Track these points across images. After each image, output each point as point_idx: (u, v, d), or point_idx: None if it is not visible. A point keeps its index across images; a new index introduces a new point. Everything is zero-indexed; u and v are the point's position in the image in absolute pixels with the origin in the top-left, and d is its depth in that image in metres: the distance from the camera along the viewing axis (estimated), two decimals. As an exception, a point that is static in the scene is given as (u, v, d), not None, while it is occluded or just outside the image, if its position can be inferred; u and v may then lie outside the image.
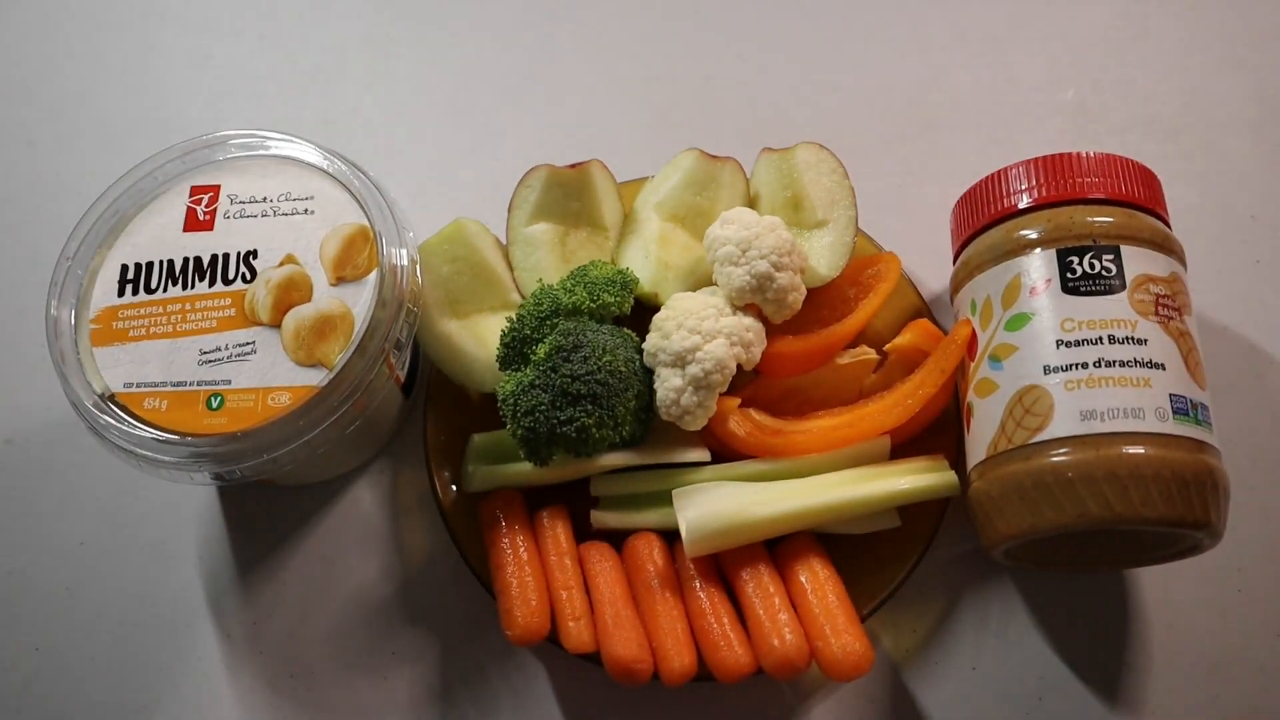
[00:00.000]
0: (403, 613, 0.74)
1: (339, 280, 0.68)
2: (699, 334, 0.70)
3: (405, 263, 0.68)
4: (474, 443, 0.73)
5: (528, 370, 0.69)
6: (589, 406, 0.68)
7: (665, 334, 0.70)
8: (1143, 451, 0.61)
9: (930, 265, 0.82)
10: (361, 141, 0.91)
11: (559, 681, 0.72)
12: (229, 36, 0.96)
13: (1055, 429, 0.63)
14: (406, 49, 0.95)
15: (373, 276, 0.68)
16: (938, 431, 0.74)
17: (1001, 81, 0.90)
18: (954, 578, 0.74)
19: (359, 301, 0.67)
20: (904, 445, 0.73)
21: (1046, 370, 0.64)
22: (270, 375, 0.66)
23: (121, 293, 0.69)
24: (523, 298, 0.76)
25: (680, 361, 0.69)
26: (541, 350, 0.69)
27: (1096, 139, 0.87)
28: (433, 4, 0.97)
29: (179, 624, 0.76)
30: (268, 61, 0.95)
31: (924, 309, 0.78)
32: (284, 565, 0.76)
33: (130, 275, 0.70)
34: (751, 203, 0.79)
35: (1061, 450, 0.62)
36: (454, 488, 0.73)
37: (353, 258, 0.68)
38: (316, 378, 0.65)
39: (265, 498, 0.78)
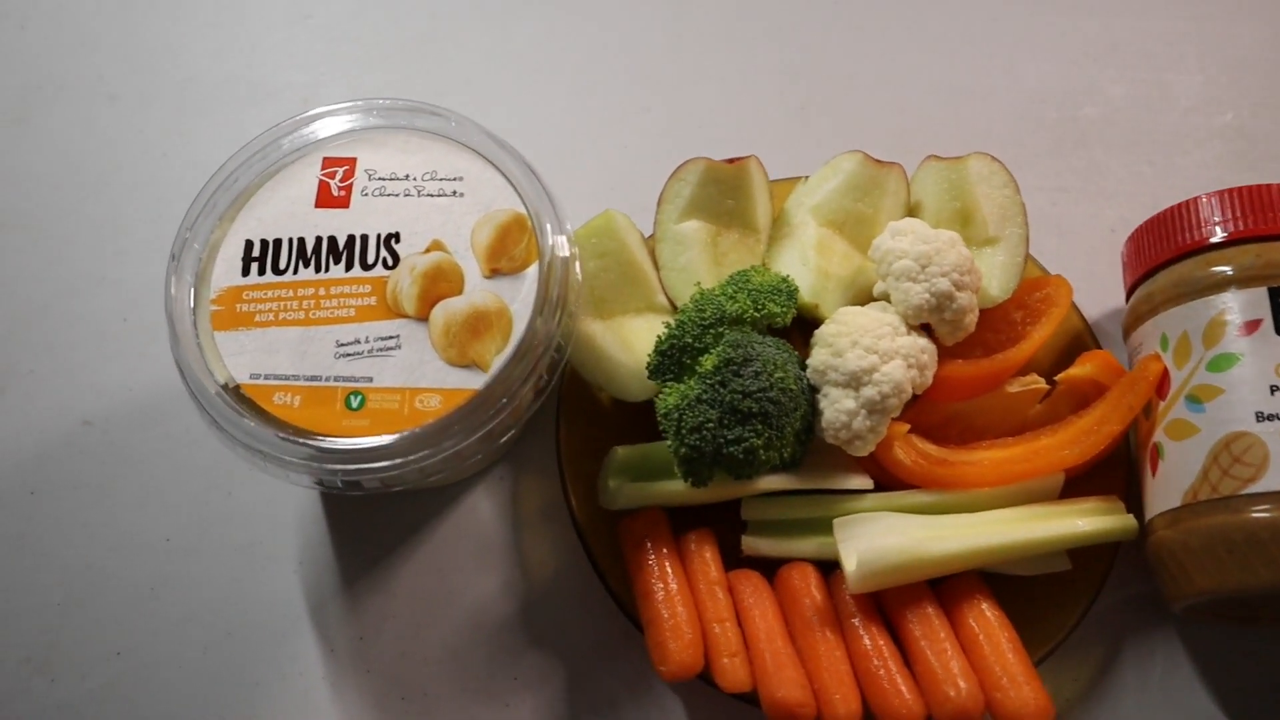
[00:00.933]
0: (526, 634, 0.69)
1: (493, 272, 0.62)
2: (875, 353, 0.65)
3: (566, 255, 0.62)
4: (616, 456, 0.67)
5: (692, 383, 0.63)
6: (758, 426, 0.62)
7: (837, 351, 0.65)
8: (1371, 511, 0.57)
9: (1087, 288, 0.77)
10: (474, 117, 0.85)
11: (698, 718, 0.67)
12: (330, -6, 0.89)
13: (1272, 481, 0.59)
14: (525, 18, 0.88)
15: (532, 271, 0.61)
16: (1102, 469, 0.69)
17: (1156, 99, 0.85)
18: (1115, 624, 0.69)
19: (517, 298, 0.61)
20: (1065, 482, 0.68)
21: (1260, 417, 0.60)
22: (417, 374, 0.59)
23: (246, 271, 0.62)
24: (669, 299, 0.71)
25: (855, 382, 0.64)
26: (708, 362, 0.63)
27: (1257, 166, 0.83)
28: (551, -27, 0.90)
29: (276, 634, 0.69)
30: (372, 24, 0.88)
31: (1088, 337, 0.73)
32: (394, 576, 0.70)
33: (256, 252, 0.63)
34: (911, 212, 0.74)
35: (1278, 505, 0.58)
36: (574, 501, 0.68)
37: (509, 248, 0.62)
38: (471, 380, 0.59)
39: (373, 501, 0.72)
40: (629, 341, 0.69)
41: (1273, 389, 0.60)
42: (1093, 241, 0.80)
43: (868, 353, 0.65)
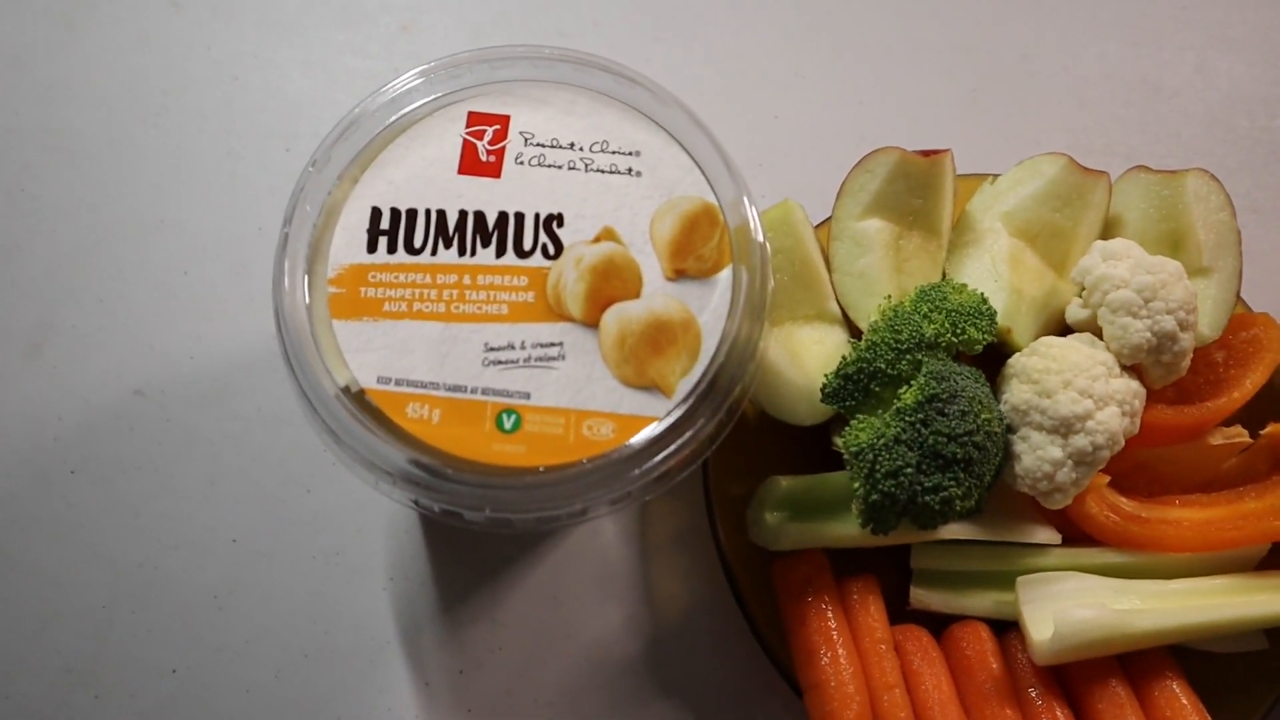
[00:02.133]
0: (652, 678, 0.60)
1: (677, 274, 0.52)
2: (1090, 398, 0.56)
3: (764, 259, 0.52)
4: (778, 487, 0.59)
5: (888, 419, 0.54)
6: (959, 474, 0.54)
7: (1045, 391, 0.57)
8: None
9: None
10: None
11: (846, 787, 0.60)
12: (431, -99, 0.76)
13: None
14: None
15: (725, 276, 0.51)
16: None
17: (1353, 115, 0.77)
18: (1291, 706, 0.63)
19: (706, 308, 0.51)
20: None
21: None
22: (585, 394, 0.49)
23: (372, 247, 0.51)
24: (841, 307, 0.61)
25: (1064, 429, 0.56)
26: (909, 396, 0.54)
27: None
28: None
29: (361, 660, 0.60)
30: (481, -57, 0.76)
31: (1288, 385, 0.66)
32: (500, 604, 0.61)
33: (384, 224, 0.52)
34: (1109, 227, 0.65)
35: None
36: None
37: (696, 246, 0.52)
38: (651, 406, 0.49)
39: (479, 512, 0.62)
40: (799, 355, 0.60)
41: None
42: (1285, 270, 0.72)
43: (1082, 396, 0.56)
